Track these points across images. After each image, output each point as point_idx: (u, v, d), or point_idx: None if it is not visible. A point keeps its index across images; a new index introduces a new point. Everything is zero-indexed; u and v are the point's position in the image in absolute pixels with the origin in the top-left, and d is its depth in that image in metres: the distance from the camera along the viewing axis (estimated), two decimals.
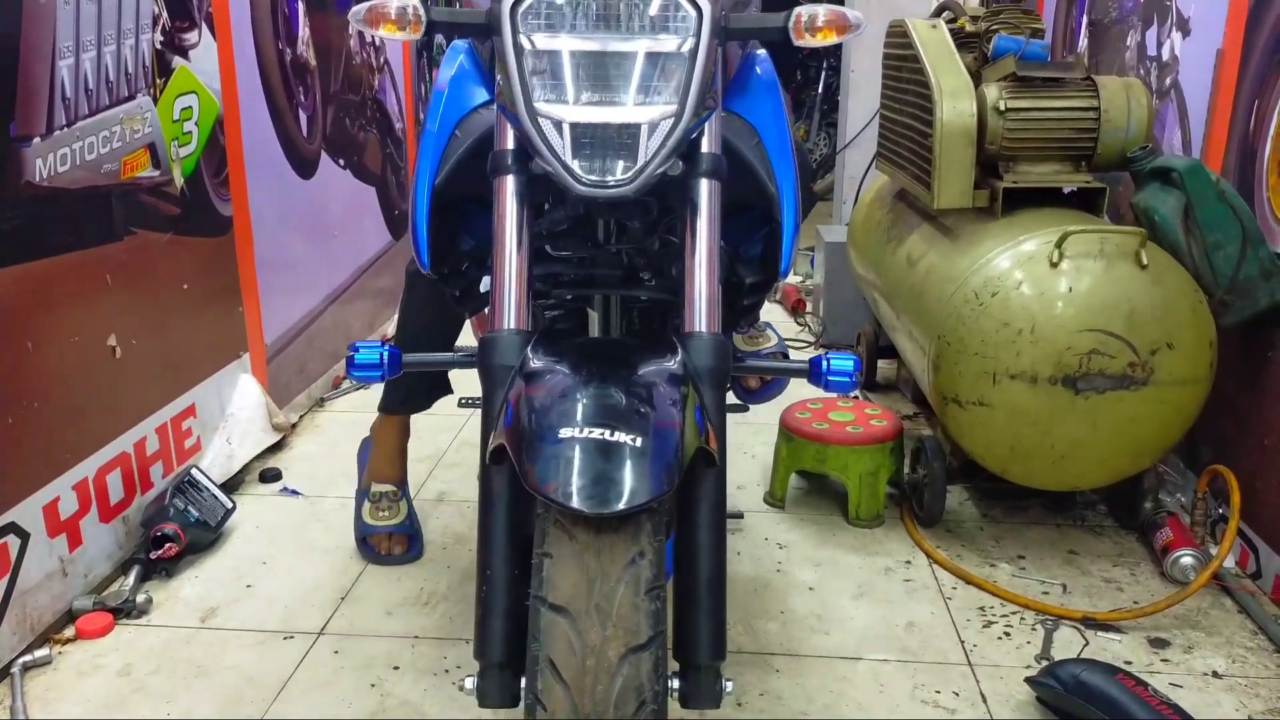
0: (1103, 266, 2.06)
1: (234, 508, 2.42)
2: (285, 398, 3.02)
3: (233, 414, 2.67)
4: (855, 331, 3.63)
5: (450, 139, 1.44)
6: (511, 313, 1.24)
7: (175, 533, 2.21)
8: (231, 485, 2.62)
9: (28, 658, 1.89)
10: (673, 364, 1.18)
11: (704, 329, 1.24)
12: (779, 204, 1.40)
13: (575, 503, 0.97)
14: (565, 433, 1.01)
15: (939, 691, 1.86)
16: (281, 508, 2.56)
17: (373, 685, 1.86)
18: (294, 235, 3.06)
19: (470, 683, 1.19)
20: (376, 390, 3.38)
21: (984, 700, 1.84)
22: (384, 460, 2.36)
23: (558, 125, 1.15)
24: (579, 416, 1.04)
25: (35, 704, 1.80)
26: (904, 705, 1.83)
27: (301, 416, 3.11)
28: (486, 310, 1.38)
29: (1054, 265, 2.07)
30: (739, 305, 1.53)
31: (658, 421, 1.06)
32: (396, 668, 1.91)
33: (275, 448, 2.86)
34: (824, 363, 1.45)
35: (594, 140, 1.16)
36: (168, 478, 2.36)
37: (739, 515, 2.47)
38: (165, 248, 2.35)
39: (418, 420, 3.10)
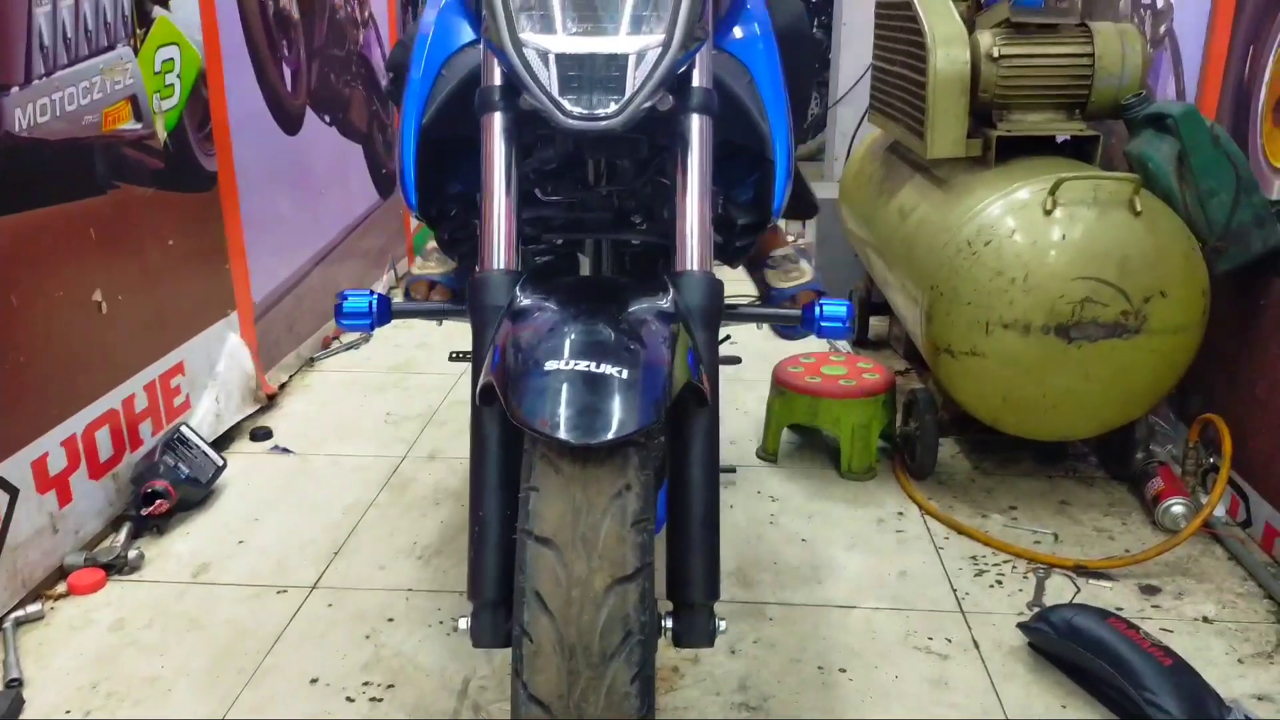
0: (1096, 214, 2.05)
1: (224, 465, 2.41)
2: (274, 357, 3.00)
3: (220, 372, 2.65)
4: (848, 288, 3.62)
5: (437, 79, 1.42)
6: (501, 252, 1.22)
7: (166, 489, 2.20)
8: (221, 443, 2.61)
9: (19, 613, 1.89)
10: (663, 302, 1.17)
11: (695, 267, 1.22)
12: (771, 143, 1.38)
13: (561, 433, 0.96)
14: (551, 365, 1.00)
15: (931, 638, 1.87)
16: (272, 465, 2.55)
17: (367, 637, 1.86)
18: (280, 192, 3.03)
19: (464, 623, 1.19)
20: (366, 351, 3.37)
21: (976, 646, 1.85)
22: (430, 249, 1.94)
23: (544, 57, 1.13)
24: (566, 350, 1.02)
25: (28, 658, 1.79)
26: (896, 651, 1.83)
27: (291, 376, 3.09)
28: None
29: (1047, 213, 2.06)
30: (731, 247, 1.51)
31: (646, 357, 1.05)
32: (391, 620, 1.91)
33: (266, 407, 2.84)
34: (817, 309, 1.45)
35: (581, 72, 1.13)
36: (157, 435, 2.35)
37: (732, 469, 2.47)
38: (149, 203, 2.32)
39: (408, 379, 3.10)
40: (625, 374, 0.99)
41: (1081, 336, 2.07)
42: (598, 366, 0.99)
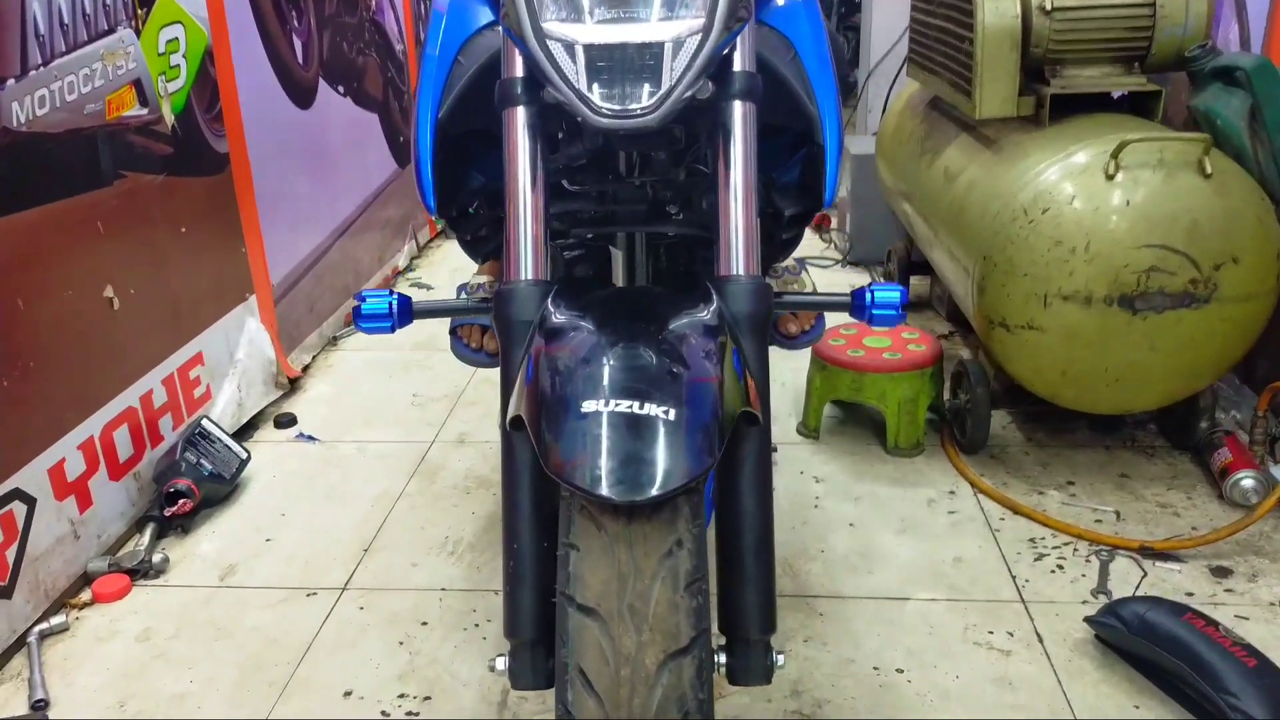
0: (1162, 177, 1.91)
1: (248, 458, 2.34)
2: (296, 338, 2.92)
3: (241, 360, 2.57)
4: (883, 248, 3.48)
5: (453, 66, 1.30)
6: (528, 261, 1.12)
7: (189, 488, 2.13)
8: (245, 433, 2.54)
9: (44, 625, 1.83)
10: (707, 315, 1.06)
11: (741, 272, 1.11)
12: (819, 125, 1.26)
13: (603, 489, 0.85)
14: (589, 406, 0.89)
15: (992, 632, 1.78)
16: (298, 455, 2.47)
17: (401, 643, 1.79)
18: (295, 169, 2.92)
19: (501, 663, 1.10)
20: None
21: (1040, 640, 1.75)
22: (485, 268, 2.06)
23: (569, 48, 1.01)
24: (605, 385, 0.91)
25: (53, 674, 1.74)
26: (956, 648, 1.74)
27: (315, 357, 3.01)
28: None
29: (1109, 178, 1.92)
30: (777, 238, 1.40)
31: (692, 385, 0.93)
32: (425, 623, 1.84)
33: (289, 391, 2.77)
34: (868, 295, 1.33)
35: (611, 64, 1.02)
36: (178, 430, 2.28)
37: (773, 449, 2.37)
38: (159, 190, 2.22)
39: (433, 358, 3.01)
40: (672, 414, 0.88)
41: (1147, 308, 1.94)
42: (641, 407, 0.88)
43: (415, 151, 1.28)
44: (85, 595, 1.94)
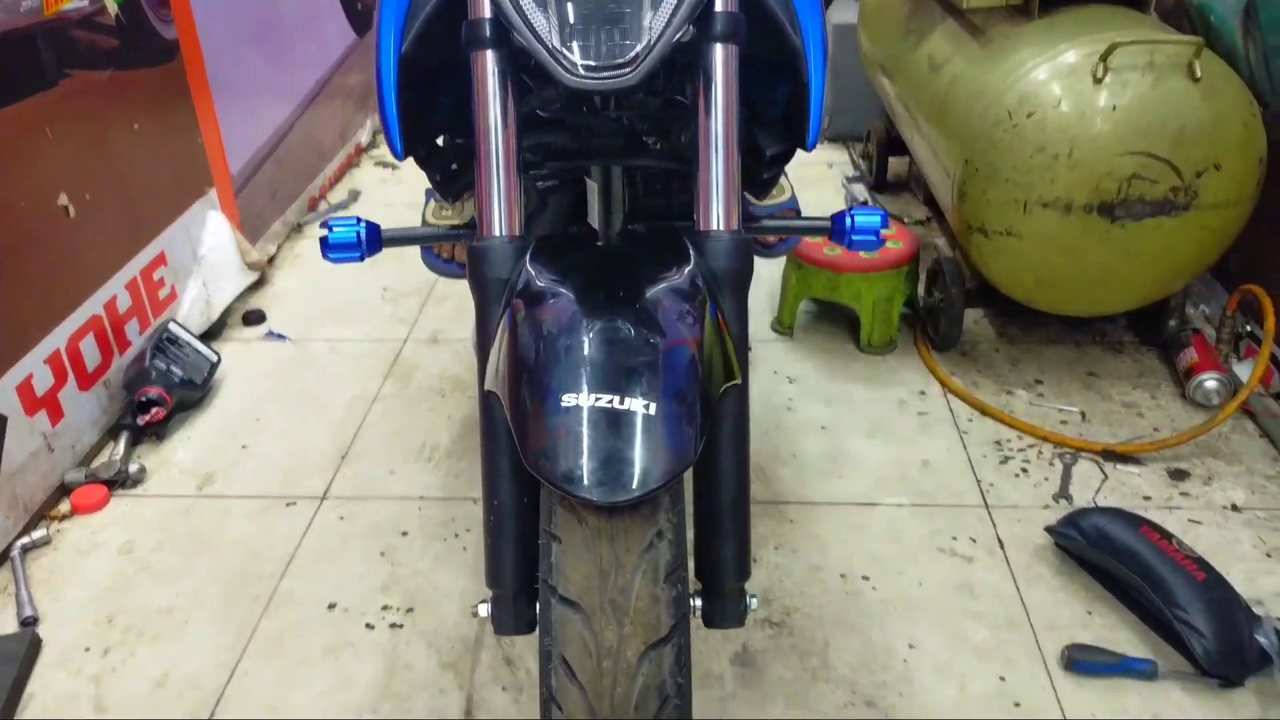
0: (1151, 82, 1.85)
1: (219, 360, 2.32)
2: (259, 228, 2.85)
3: (205, 256, 2.51)
4: (862, 123, 3.41)
5: None
6: (501, 217, 1.08)
7: (160, 396, 2.12)
8: (213, 332, 2.51)
9: (25, 540, 1.85)
10: (685, 279, 1.03)
11: (722, 226, 1.08)
12: (804, 60, 1.20)
13: (584, 491, 0.85)
14: (569, 399, 0.88)
15: (955, 538, 1.84)
16: (269, 354, 2.45)
17: (382, 554, 1.83)
18: (248, 49, 2.78)
19: (484, 610, 1.13)
20: (355, 213, 3.21)
21: (1001, 546, 1.82)
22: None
23: (542, 3, 0.95)
24: (584, 375, 0.90)
25: (39, 589, 1.77)
26: (921, 554, 1.80)
27: (280, 246, 2.95)
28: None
29: (1098, 81, 1.86)
30: (757, 178, 1.36)
31: (671, 367, 0.92)
32: (405, 533, 1.88)
33: (255, 286, 2.72)
34: (848, 220, 1.31)
35: (588, 12, 0.96)
36: (145, 334, 2.25)
37: (747, 349, 2.38)
38: (107, 87, 2.11)
39: (405, 258, 2.95)
40: (652, 408, 0.87)
41: (1126, 215, 1.93)
42: (621, 401, 0.87)
43: (379, 91, 1.21)
44: (64, 507, 1.95)
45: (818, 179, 3.38)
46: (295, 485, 2.01)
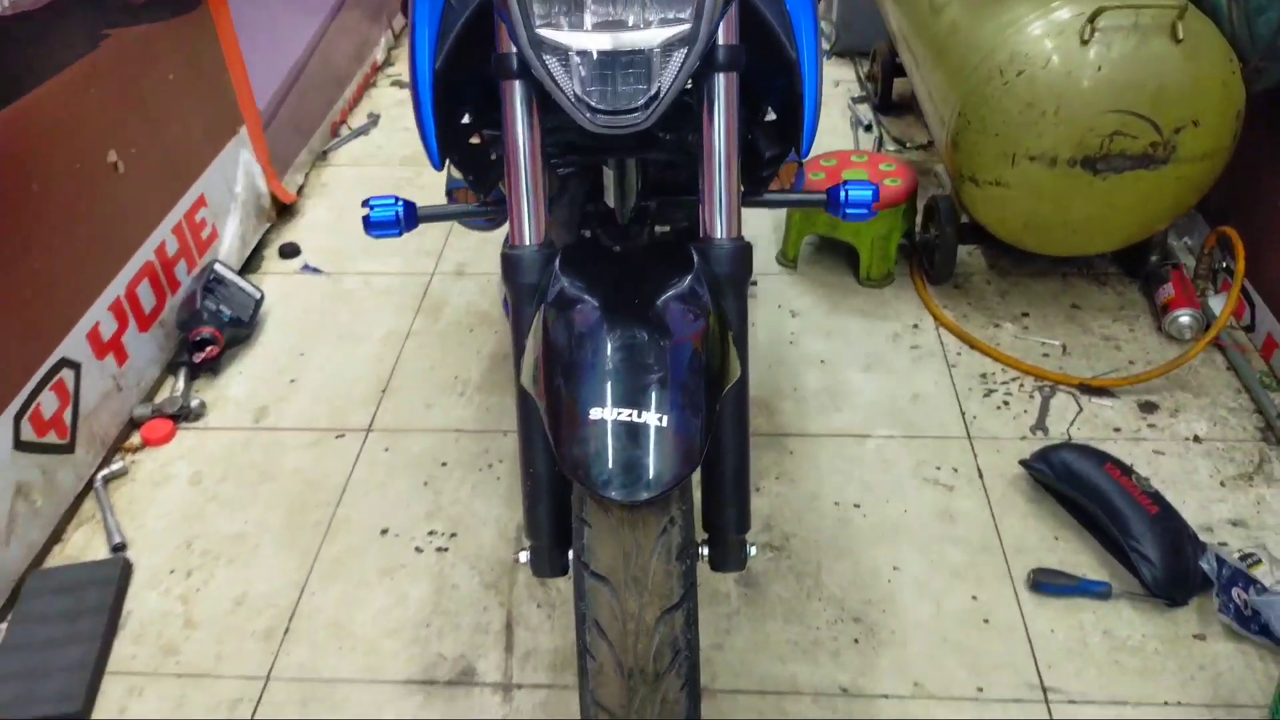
0: (1135, 43, 1.96)
1: (262, 297, 2.49)
2: (287, 159, 2.97)
3: (239, 194, 2.66)
4: (869, 39, 3.47)
5: (444, 9, 1.34)
6: (530, 227, 1.24)
7: (213, 335, 2.30)
8: (252, 263, 2.68)
9: (105, 471, 2.06)
10: (692, 284, 1.18)
11: (724, 235, 1.24)
12: (800, 72, 1.33)
13: (609, 491, 1.03)
14: (595, 414, 1.05)
15: (939, 468, 2.04)
16: (306, 289, 2.62)
17: (425, 484, 2.04)
18: None
19: (524, 557, 1.34)
20: (377, 139, 3.32)
21: (980, 476, 2.02)
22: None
23: (563, 54, 1.09)
24: (608, 392, 1.06)
25: (123, 517, 1.99)
26: (907, 483, 2.01)
27: (306, 175, 3.08)
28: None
29: (1084, 42, 1.97)
30: (756, 175, 1.50)
31: (682, 393, 1.07)
32: (444, 464, 2.08)
33: (287, 216, 2.87)
34: (842, 193, 1.47)
35: (604, 70, 1.10)
36: (192, 273, 2.41)
37: (753, 283, 2.54)
38: (142, 41, 2.22)
39: (423, 176, 3.09)
40: (664, 420, 1.05)
41: (1108, 169, 2.06)
42: (638, 415, 1.04)
43: (417, 108, 1.35)
44: (135, 439, 2.16)
45: (825, 99, 3.45)
46: (342, 418, 2.21)
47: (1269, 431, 2.08)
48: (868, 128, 3.26)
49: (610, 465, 1.03)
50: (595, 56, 1.09)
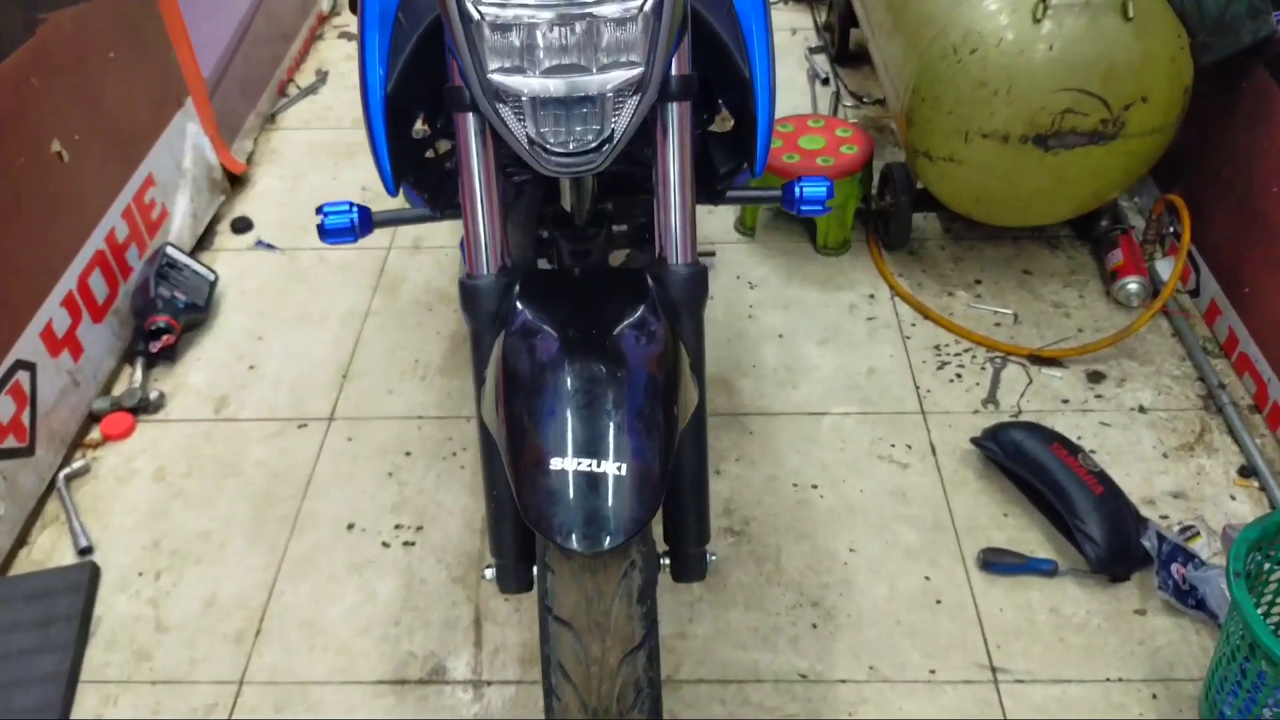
0: (1086, 22, 1.96)
1: (216, 278, 2.46)
2: (235, 127, 2.91)
3: (189, 168, 2.60)
4: None
5: (394, 28, 1.32)
6: (488, 258, 1.24)
7: (169, 324, 2.28)
8: (205, 243, 2.64)
9: (67, 470, 2.06)
10: (650, 313, 1.20)
11: (680, 260, 1.25)
12: (753, 91, 1.33)
13: (571, 543, 1.05)
14: (556, 464, 1.07)
15: (894, 445, 2.09)
16: (260, 266, 2.59)
17: (390, 474, 2.06)
18: None
19: (490, 573, 1.38)
20: (326, 98, 3.25)
21: (934, 453, 2.07)
22: None
23: (516, 100, 1.08)
24: (567, 441, 1.08)
25: (87, 517, 1.99)
26: (862, 462, 2.06)
27: (255, 141, 3.01)
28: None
29: (1036, 21, 1.96)
30: (712, 188, 1.50)
31: (639, 439, 1.09)
32: (408, 453, 2.10)
33: (239, 187, 2.82)
34: (797, 190, 1.49)
35: (557, 113, 1.09)
36: (144, 257, 2.38)
37: (712, 254, 2.55)
38: (81, 21, 2.15)
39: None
40: (622, 468, 1.07)
41: (1059, 145, 2.07)
42: (597, 465, 1.07)
43: (369, 132, 1.33)
44: (95, 435, 2.15)
45: (782, 48, 3.41)
46: (304, 407, 2.21)
47: (1209, 400, 2.15)
48: (825, 81, 3.24)
49: (571, 515, 1.06)
50: (548, 101, 1.08)
